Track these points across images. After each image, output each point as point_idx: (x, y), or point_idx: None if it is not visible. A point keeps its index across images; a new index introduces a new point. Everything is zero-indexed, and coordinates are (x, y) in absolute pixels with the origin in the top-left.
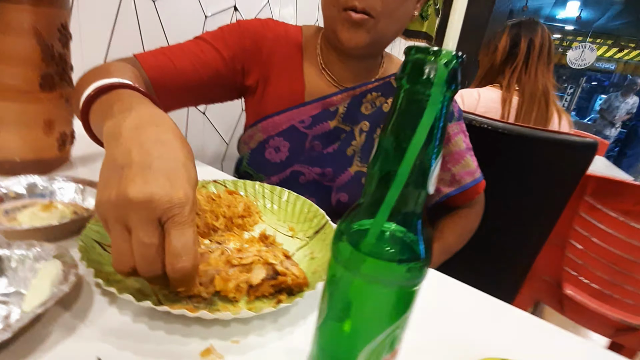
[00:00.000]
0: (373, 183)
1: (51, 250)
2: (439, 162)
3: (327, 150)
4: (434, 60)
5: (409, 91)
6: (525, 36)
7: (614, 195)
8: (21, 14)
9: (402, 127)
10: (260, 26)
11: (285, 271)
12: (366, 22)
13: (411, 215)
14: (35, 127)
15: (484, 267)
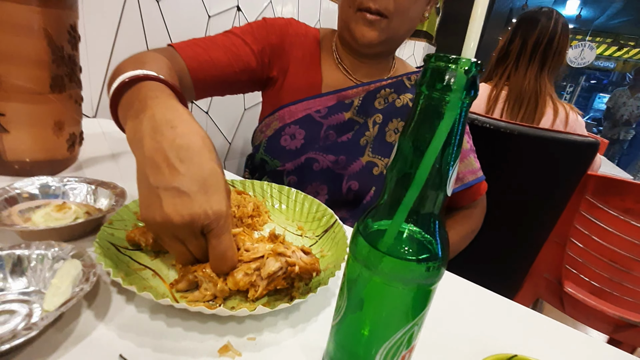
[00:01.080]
0: (392, 184)
1: (69, 251)
2: (457, 166)
3: (341, 139)
4: (454, 67)
5: (429, 97)
6: (521, 36)
7: (614, 194)
8: (31, 15)
9: (421, 131)
10: (284, 24)
11: (295, 261)
12: (379, 21)
13: (429, 216)
14: (45, 127)
15: (485, 265)
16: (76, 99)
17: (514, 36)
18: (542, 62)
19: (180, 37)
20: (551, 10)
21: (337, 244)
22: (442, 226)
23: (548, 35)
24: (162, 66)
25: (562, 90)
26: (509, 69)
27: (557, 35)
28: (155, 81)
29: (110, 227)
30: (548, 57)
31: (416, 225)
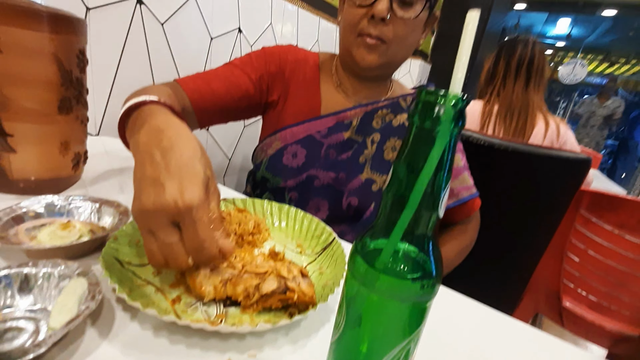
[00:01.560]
0: (388, 206)
1: (75, 269)
2: (448, 189)
3: (341, 157)
4: (443, 101)
5: (420, 127)
6: (504, 58)
7: (608, 209)
8: (43, 41)
9: (415, 158)
10: (283, 52)
11: (294, 287)
12: (379, 46)
13: (423, 236)
14: (52, 147)
15: (484, 280)
16: (82, 119)
17: (497, 59)
18: (527, 78)
19: (184, 58)
20: (527, 38)
21: (335, 262)
22: (436, 245)
23: (528, 56)
24: (163, 94)
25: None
26: (497, 86)
27: (536, 56)
28: (156, 104)
29: (115, 243)
30: (531, 73)
31: (411, 245)
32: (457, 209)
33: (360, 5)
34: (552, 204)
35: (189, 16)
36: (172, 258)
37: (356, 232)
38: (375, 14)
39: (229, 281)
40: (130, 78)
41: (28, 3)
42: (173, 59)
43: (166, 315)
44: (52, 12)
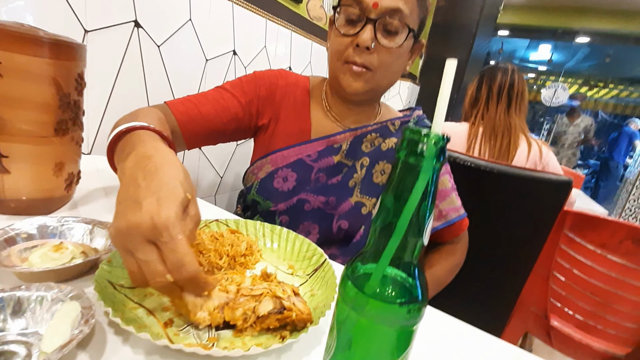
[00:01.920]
0: (376, 233)
1: (68, 292)
2: (432, 218)
3: (331, 181)
4: (426, 140)
5: (406, 162)
6: (486, 83)
7: (590, 229)
8: (43, 66)
9: (401, 190)
10: (274, 76)
11: (291, 306)
12: (364, 73)
13: (409, 262)
14: (46, 168)
15: (473, 300)
16: (77, 140)
17: (480, 85)
18: (508, 102)
19: (179, 79)
20: (506, 65)
21: (326, 283)
22: (421, 271)
23: (508, 82)
24: (154, 118)
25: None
26: (481, 110)
27: (515, 82)
28: (146, 130)
29: (108, 265)
30: (512, 96)
31: (398, 270)
32: (446, 230)
33: (346, 34)
34: (537, 224)
35: (185, 38)
36: (151, 275)
37: (346, 255)
38: (360, 43)
39: (226, 305)
40: (125, 98)
41: (31, 30)
42: (168, 80)
43: (159, 340)
44: (54, 40)
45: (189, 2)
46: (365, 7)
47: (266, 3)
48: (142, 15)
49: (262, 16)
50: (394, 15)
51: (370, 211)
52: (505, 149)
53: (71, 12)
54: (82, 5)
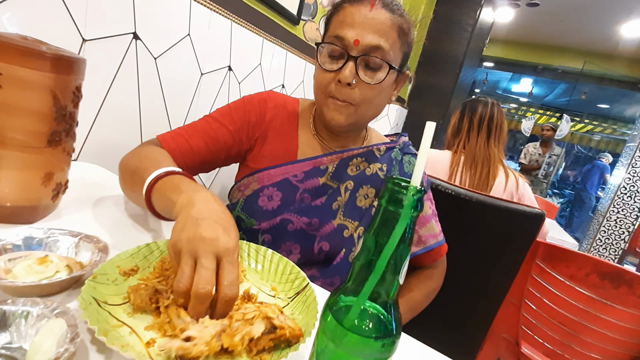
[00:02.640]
0: (357, 270)
1: (54, 309)
2: (407, 259)
3: (315, 203)
4: (405, 192)
5: (386, 209)
6: (467, 115)
7: (560, 261)
8: (43, 79)
9: (381, 232)
10: (262, 99)
11: (282, 324)
12: (347, 107)
13: (386, 299)
14: (35, 178)
15: (447, 326)
16: (68, 151)
17: (462, 116)
18: (488, 133)
19: (173, 91)
20: (486, 99)
21: (307, 308)
22: (397, 308)
23: (488, 115)
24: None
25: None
26: (462, 140)
27: (495, 115)
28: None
29: (94, 282)
30: (492, 129)
31: (376, 306)
32: (424, 255)
33: (328, 70)
34: (511, 253)
35: (182, 52)
36: (203, 281)
37: (326, 277)
38: (341, 80)
39: (223, 332)
40: (118, 107)
41: (34, 44)
42: (162, 92)
43: (142, 358)
44: (55, 54)
45: (189, 18)
46: (347, 45)
47: (264, 23)
48: (142, 28)
49: (259, 35)
50: (375, 52)
51: (352, 234)
52: (485, 178)
53: (71, 20)
54: (82, 14)
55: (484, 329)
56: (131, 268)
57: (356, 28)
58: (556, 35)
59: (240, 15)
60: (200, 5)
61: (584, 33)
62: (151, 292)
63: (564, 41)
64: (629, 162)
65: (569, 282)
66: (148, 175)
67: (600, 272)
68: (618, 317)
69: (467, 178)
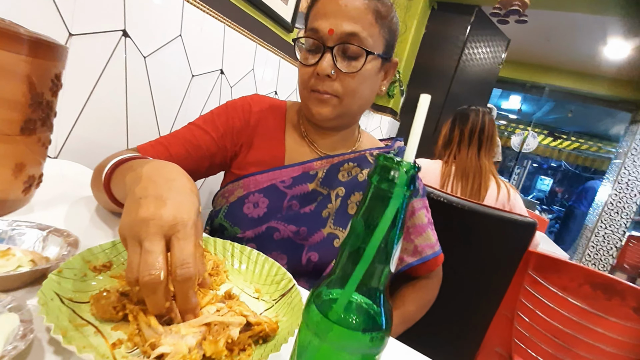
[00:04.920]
0: (344, 258)
1: (7, 303)
2: (399, 246)
3: (303, 210)
4: (398, 167)
5: (377, 187)
6: (458, 126)
7: (552, 271)
8: (18, 62)
9: (371, 214)
10: (247, 103)
11: (259, 320)
12: (331, 99)
13: (375, 289)
14: (5, 168)
15: (440, 339)
16: (44, 142)
17: (452, 127)
18: (479, 145)
19: (162, 92)
20: (478, 108)
21: (292, 309)
22: (387, 299)
23: (479, 125)
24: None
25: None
26: (453, 151)
27: (486, 125)
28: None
29: (59, 276)
30: (482, 140)
31: (364, 297)
32: (421, 265)
33: (307, 64)
34: (503, 263)
35: (173, 52)
36: (147, 268)
37: None
38: (320, 72)
39: (204, 340)
40: (103, 105)
41: (10, 25)
42: (151, 92)
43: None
44: (34, 38)
45: (181, 19)
46: (323, 36)
47: (258, 29)
48: (132, 26)
49: (253, 40)
50: (351, 39)
51: None
52: (477, 189)
53: (57, 13)
54: (70, 8)
55: (477, 342)
56: (103, 264)
57: (330, 17)
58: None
59: (234, 20)
60: (193, 6)
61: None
62: (115, 299)
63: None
64: (614, 178)
65: (562, 293)
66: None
67: (592, 283)
68: (610, 329)
69: (458, 189)
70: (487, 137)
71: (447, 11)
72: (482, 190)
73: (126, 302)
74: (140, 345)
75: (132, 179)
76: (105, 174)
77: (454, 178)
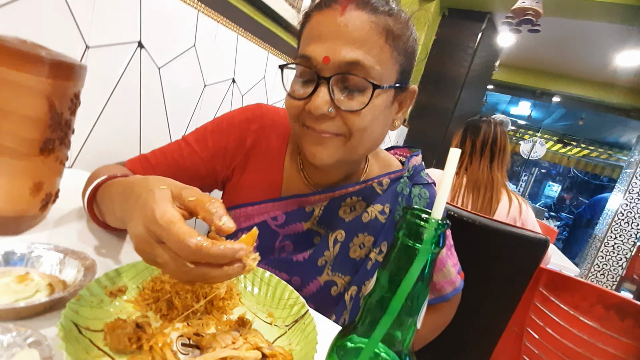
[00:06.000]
0: (368, 310)
1: (28, 336)
2: (426, 300)
3: (296, 258)
4: (425, 224)
5: (404, 242)
6: (470, 137)
7: (564, 289)
8: (39, 85)
9: (397, 269)
10: (246, 120)
11: (274, 352)
12: (332, 140)
13: (401, 348)
14: (23, 187)
15: (447, 353)
16: (62, 160)
17: (464, 138)
18: (491, 157)
19: (175, 101)
20: (490, 119)
21: (306, 337)
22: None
23: (491, 137)
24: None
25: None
26: (465, 162)
27: (498, 136)
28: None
29: (77, 304)
30: (495, 152)
31: (389, 351)
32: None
33: (295, 97)
34: (513, 279)
35: (187, 63)
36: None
37: None
38: (312, 111)
39: None
40: (117, 115)
41: (32, 48)
42: (164, 102)
43: None
44: (55, 60)
45: (195, 29)
46: (316, 64)
47: (270, 37)
48: (147, 37)
49: (265, 49)
50: (353, 69)
51: (342, 293)
52: (488, 202)
53: (75, 26)
54: (87, 20)
55: (485, 358)
56: (119, 288)
57: (325, 41)
58: (555, 62)
59: (247, 29)
60: (208, 17)
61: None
62: (131, 330)
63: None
64: (625, 187)
65: (573, 312)
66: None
67: (605, 304)
68: (623, 351)
69: (469, 201)
70: (499, 149)
71: (458, 18)
72: (493, 204)
73: (141, 334)
74: None
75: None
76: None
77: (465, 190)
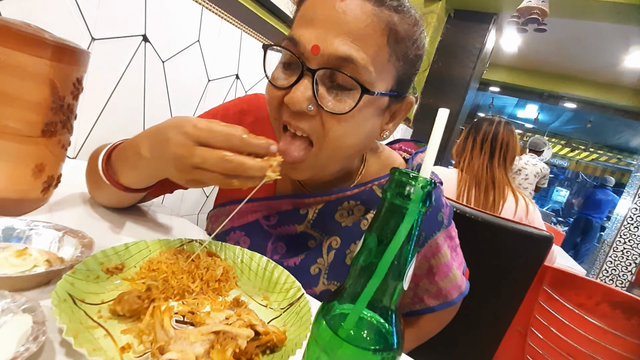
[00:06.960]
0: (356, 273)
1: (22, 304)
2: (413, 262)
3: (287, 262)
4: (414, 183)
5: (392, 202)
6: (472, 134)
7: (568, 288)
8: (42, 67)
9: (384, 230)
10: (240, 111)
11: (267, 330)
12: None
13: (387, 307)
14: (25, 169)
15: (449, 352)
16: (64, 144)
17: (467, 136)
18: (491, 153)
19: (178, 95)
20: (493, 117)
21: (300, 319)
22: (399, 318)
23: (492, 133)
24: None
25: None
26: (466, 159)
27: (500, 132)
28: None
29: (72, 277)
30: (495, 148)
31: (375, 314)
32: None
33: (276, 85)
34: (517, 277)
35: (191, 57)
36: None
37: None
38: (289, 104)
39: (212, 349)
40: (121, 108)
41: (36, 31)
42: (168, 96)
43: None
44: (58, 43)
45: (200, 25)
46: (303, 51)
47: (274, 34)
48: (152, 31)
49: None
50: (344, 66)
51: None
52: (492, 202)
53: (81, 18)
54: (93, 13)
55: (488, 357)
56: (115, 266)
57: (318, 27)
58: (562, 63)
59: (251, 25)
60: (212, 13)
61: (589, 62)
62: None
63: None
64: (635, 192)
65: (578, 311)
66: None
67: (611, 302)
68: (630, 351)
69: (472, 197)
70: (500, 146)
71: (463, 19)
72: (497, 203)
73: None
74: (147, 347)
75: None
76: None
77: (467, 186)
